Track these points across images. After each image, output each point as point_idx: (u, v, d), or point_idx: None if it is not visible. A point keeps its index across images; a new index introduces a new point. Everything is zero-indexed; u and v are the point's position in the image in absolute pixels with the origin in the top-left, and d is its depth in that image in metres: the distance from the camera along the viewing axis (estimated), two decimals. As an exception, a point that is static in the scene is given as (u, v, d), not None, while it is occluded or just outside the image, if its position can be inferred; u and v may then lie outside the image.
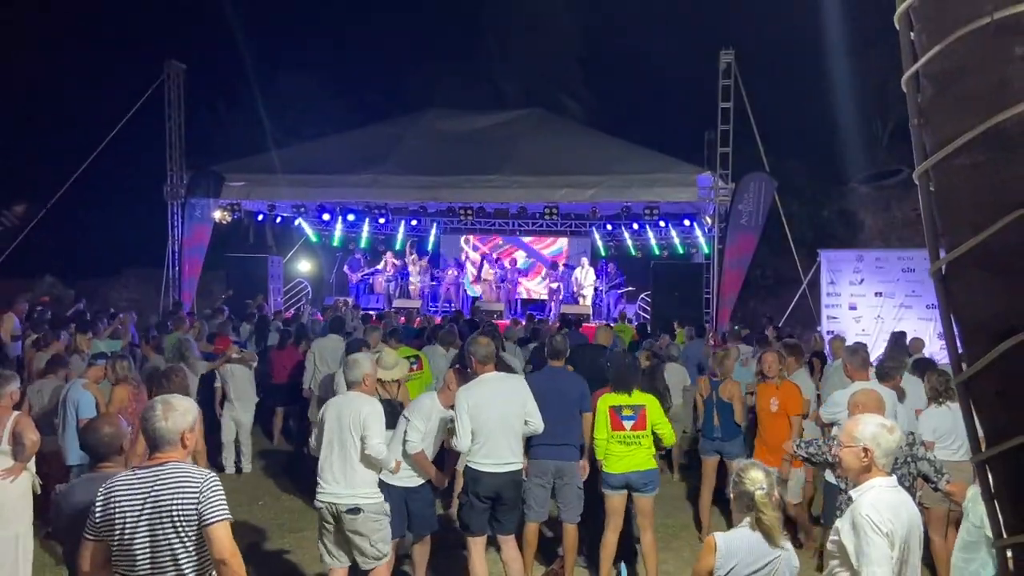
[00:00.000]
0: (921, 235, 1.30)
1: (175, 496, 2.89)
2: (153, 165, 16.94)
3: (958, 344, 1.26)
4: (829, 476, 5.25)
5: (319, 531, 4.96)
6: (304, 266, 20.68)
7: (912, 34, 1.26)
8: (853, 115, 20.83)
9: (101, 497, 2.97)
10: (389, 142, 16.72)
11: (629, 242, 18.90)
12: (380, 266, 19.58)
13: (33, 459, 5.21)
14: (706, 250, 16.39)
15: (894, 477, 3.18)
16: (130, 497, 2.92)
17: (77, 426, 6.15)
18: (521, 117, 18.08)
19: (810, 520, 7.00)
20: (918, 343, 10.05)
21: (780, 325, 14.01)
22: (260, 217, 18.13)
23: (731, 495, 3.48)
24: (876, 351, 10.33)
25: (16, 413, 5.20)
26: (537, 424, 5.28)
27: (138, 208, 18.15)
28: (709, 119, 15.31)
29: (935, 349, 10.52)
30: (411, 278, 19.24)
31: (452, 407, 5.42)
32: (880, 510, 2.97)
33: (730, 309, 14.80)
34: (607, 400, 5.67)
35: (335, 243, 20.34)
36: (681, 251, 18.36)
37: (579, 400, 5.76)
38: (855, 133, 21.07)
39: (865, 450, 3.11)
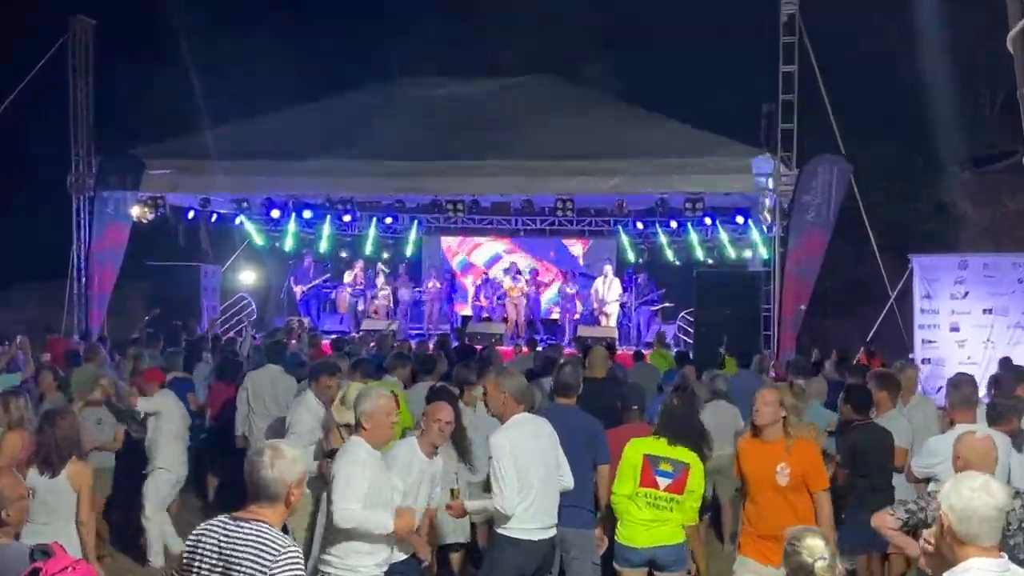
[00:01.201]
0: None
1: (245, 560, 3.25)
2: (53, 148, 17.00)
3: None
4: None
5: None
6: (248, 277, 20.70)
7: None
8: (952, 84, 20.85)
9: (193, 536, 3.46)
10: (357, 118, 16.78)
11: (665, 245, 18.89)
12: (347, 279, 19.48)
13: None
14: (764, 255, 16.40)
15: (1004, 557, 3.07)
16: (212, 545, 3.34)
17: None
18: (525, 84, 18.18)
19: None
20: None
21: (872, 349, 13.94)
22: (191, 215, 18.16)
23: (784, 570, 3.49)
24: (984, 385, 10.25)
25: None
26: (569, 479, 5.33)
27: (33, 204, 18.21)
28: (767, 88, 15.36)
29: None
30: (378, 292, 19.19)
31: (435, 453, 5.38)
32: None
33: (795, 331, 14.77)
34: (641, 446, 5.58)
35: (287, 248, 20.29)
36: (733, 256, 18.37)
37: (592, 448, 5.76)
38: (955, 106, 21.08)
39: (942, 516, 3.05)
